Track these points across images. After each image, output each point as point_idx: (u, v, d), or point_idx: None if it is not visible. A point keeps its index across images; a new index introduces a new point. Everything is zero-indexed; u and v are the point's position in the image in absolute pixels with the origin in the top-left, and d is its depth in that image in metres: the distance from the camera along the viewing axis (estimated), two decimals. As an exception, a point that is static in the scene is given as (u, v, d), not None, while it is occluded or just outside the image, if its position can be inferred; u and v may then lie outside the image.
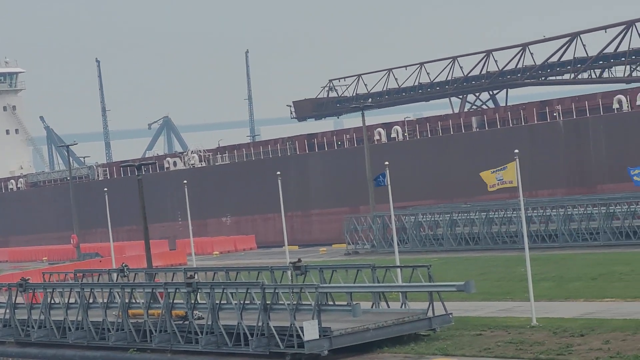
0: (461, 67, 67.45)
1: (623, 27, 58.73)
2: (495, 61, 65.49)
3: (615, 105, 52.20)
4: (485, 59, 65.67)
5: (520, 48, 64.16)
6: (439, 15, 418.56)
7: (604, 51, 60.65)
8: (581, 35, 60.87)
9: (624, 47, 59.45)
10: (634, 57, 58.46)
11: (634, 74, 60.24)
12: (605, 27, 60.80)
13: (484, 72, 66.41)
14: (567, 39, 62.09)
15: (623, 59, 59.34)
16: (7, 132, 79.94)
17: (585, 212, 41.02)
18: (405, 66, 70.25)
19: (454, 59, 67.90)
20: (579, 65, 61.40)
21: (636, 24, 57.92)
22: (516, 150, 22.76)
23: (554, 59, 63.15)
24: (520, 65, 64.22)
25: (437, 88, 70.51)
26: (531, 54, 63.32)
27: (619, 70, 60.54)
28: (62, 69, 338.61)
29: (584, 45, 60.75)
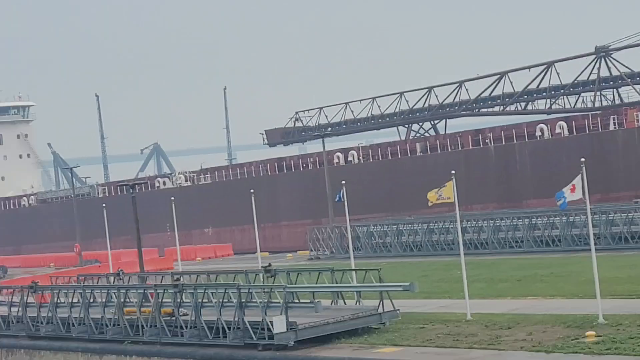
0: (407, 101, 72.64)
1: (544, 67, 63.23)
2: (436, 96, 70.70)
3: (538, 133, 56.59)
4: (427, 94, 70.46)
5: (457, 85, 68.52)
6: (387, 56, 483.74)
7: (528, 87, 65.71)
8: (509, 74, 65.79)
9: (545, 84, 64.59)
10: (553, 92, 63.92)
11: (553, 106, 64.80)
12: (529, 67, 65.15)
13: (426, 105, 71.00)
14: (497, 76, 66.84)
15: (544, 93, 64.89)
16: (20, 156, 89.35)
17: (511, 223, 42.73)
18: (360, 100, 75.56)
19: (401, 94, 72.87)
20: (507, 99, 66.66)
21: (555, 64, 62.94)
22: (453, 171, 24.68)
23: (486, 93, 68.14)
24: (457, 99, 68.87)
25: (387, 119, 75.70)
26: (466, 89, 68.24)
27: (541, 104, 65.52)
28: (68, 102, 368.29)
29: (511, 82, 66.02)
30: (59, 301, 30.15)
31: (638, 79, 59.80)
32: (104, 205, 48.85)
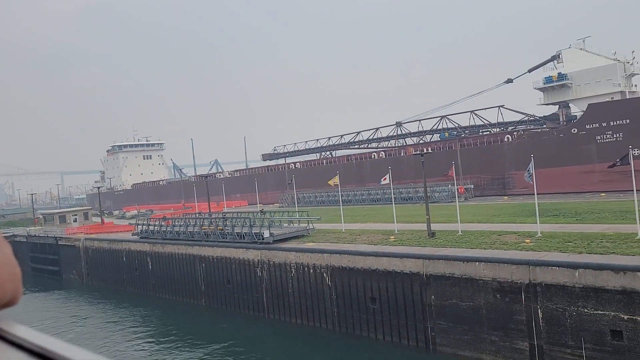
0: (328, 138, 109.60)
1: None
2: (341, 137, 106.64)
3: (374, 157, 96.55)
4: (339, 138, 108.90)
5: (355, 133, 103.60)
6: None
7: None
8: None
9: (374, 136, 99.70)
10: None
11: (373, 144, 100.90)
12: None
13: (337, 143, 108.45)
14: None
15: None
16: (160, 164, 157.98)
17: (361, 193, 78.23)
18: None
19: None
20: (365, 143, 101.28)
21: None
22: (337, 172, 52.14)
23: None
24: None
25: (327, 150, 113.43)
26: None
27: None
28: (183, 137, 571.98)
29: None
30: (174, 224, 56.16)
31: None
32: (194, 184, 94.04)
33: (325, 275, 38.41)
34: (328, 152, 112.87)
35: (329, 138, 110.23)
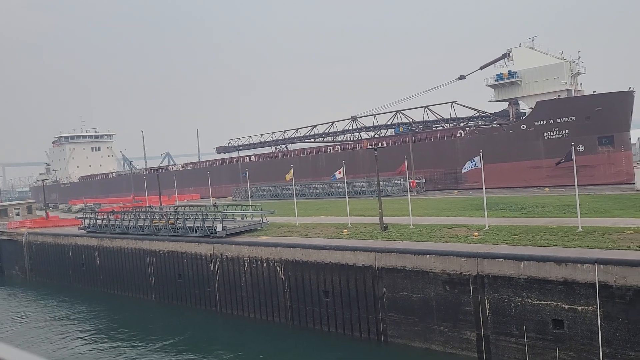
0: (284, 132, 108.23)
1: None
2: (295, 130, 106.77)
3: (330, 150, 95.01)
4: (282, 133, 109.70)
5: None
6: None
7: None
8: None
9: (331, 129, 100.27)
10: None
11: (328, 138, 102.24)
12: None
13: (285, 137, 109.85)
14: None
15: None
16: (109, 156, 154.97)
17: (315, 187, 77.72)
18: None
19: (284, 131, 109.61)
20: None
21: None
22: (292, 165, 52.90)
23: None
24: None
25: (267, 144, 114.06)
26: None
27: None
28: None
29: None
30: (124, 217, 54.60)
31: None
32: (144, 177, 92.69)
33: (278, 269, 38.20)
34: (284, 146, 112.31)
35: (285, 131, 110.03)
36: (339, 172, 48.40)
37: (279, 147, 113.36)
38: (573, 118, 66.79)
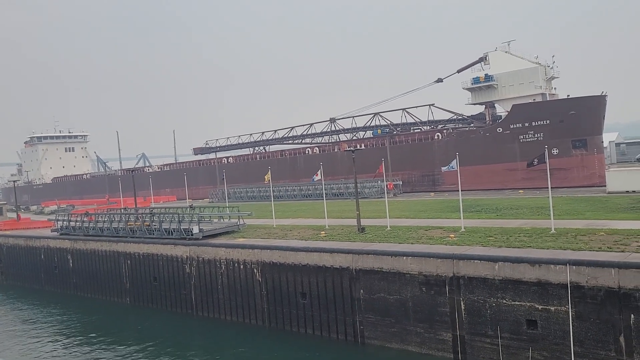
0: (262, 133, 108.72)
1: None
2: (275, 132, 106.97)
3: (309, 152, 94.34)
4: (260, 135, 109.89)
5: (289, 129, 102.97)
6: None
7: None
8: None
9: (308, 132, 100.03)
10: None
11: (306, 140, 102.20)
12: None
13: (262, 139, 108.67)
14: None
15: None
16: (83, 157, 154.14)
17: (292, 189, 77.16)
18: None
19: (262, 133, 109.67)
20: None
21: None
22: (269, 167, 52.26)
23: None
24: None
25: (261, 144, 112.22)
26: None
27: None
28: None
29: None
30: (98, 219, 53.36)
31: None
32: (119, 178, 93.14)
33: (255, 271, 37.94)
34: (261, 147, 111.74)
35: (263, 133, 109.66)
36: (317, 175, 48.34)
37: (257, 148, 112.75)
38: (548, 121, 67.97)
